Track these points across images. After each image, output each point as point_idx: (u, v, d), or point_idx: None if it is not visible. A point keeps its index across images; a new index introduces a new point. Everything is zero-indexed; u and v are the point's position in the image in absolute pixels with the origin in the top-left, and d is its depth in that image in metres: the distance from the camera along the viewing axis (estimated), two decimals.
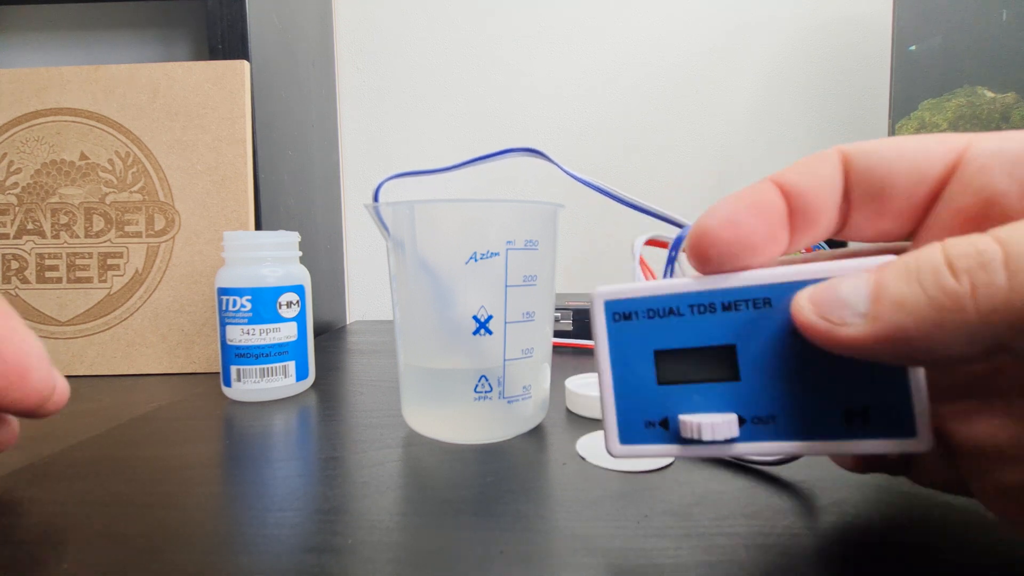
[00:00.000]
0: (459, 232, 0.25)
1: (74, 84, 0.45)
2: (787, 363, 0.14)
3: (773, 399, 0.14)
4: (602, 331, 0.15)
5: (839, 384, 0.14)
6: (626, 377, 0.15)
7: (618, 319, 0.15)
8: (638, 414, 0.15)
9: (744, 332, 0.14)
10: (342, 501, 0.21)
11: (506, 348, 0.26)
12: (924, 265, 0.11)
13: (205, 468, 0.24)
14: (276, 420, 0.30)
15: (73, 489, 0.22)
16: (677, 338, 0.15)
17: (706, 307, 0.15)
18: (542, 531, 0.19)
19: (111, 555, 0.17)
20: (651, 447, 0.15)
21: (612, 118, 0.71)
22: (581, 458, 0.24)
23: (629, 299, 0.15)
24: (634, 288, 0.15)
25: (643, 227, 0.72)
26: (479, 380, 0.26)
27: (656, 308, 0.15)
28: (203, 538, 0.18)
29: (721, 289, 0.14)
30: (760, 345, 0.14)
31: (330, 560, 0.17)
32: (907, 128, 0.53)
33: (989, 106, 0.44)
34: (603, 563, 0.17)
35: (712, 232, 0.14)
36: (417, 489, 0.22)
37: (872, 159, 0.14)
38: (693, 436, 0.14)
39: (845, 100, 0.70)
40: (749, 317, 0.14)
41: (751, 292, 0.14)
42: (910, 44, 0.52)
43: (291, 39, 0.57)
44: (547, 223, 0.27)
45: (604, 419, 0.15)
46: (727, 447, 0.14)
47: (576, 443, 0.26)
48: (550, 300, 0.28)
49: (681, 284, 0.15)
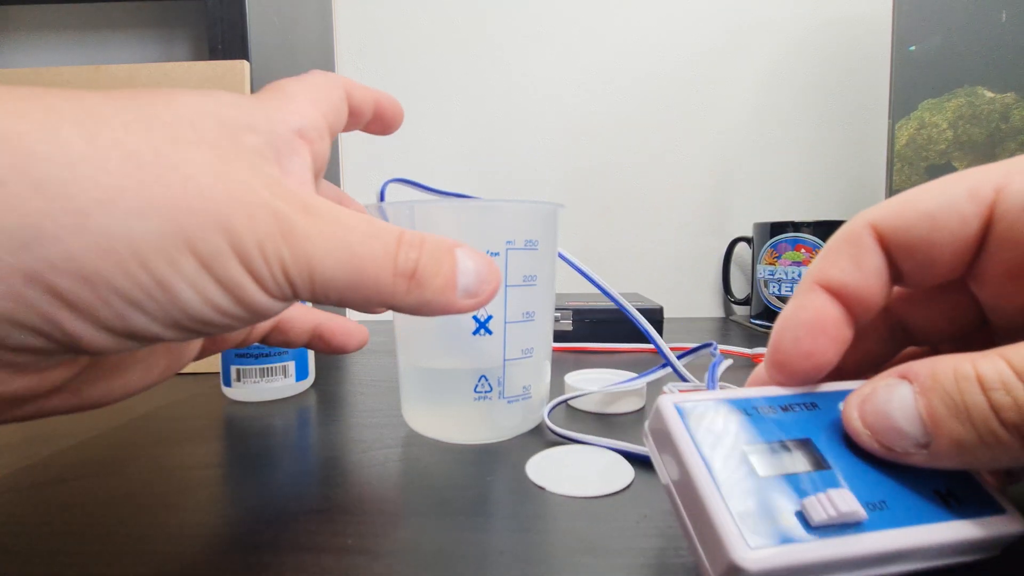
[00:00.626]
0: (458, 232, 0.25)
1: (74, 84, 0.45)
2: (863, 453, 0.15)
3: (871, 484, 0.14)
4: (682, 431, 0.14)
5: (915, 469, 0.14)
6: (725, 475, 0.14)
7: (693, 418, 0.15)
8: (751, 513, 0.13)
9: (811, 428, 0.15)
10: (342, 501, 0.21)
11: (506, 348, 0.26)
12: (972, 407, 0.12)
13: (205, 468, 0.24)
14: (276, 420, 0.30)
15: (73, 489, 0.22)
16: (759, 434, 0.15)
17: (767, 408, 0.16)
18: (542, 531, 0.19)
19: (111, 555, 0.17)
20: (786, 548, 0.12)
21: (612, 118, 0.71)
22: (538, 487, 0.22)
23: (702, 401, 0.15)
24: (699, 395, 0.16)
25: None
26: (479, 380, 0.26)
27: (728, 409, 0.15)
28: (203, 538, 0.18)
29: (773, 396, 0.16)
30: (831, 438, 0.15)
31: (330, 560, 0.17)
32: (907, 128, 0.53)
33: (989, 106, 0.44)
34: (603, 563, 0.17)
35: (790, 365, 0.16)
36: (417, 489, 0.22)
37: (910, 236, 0.15)
38: (822, 515, 0.13)
39: (845, 100, 0.70)
40: (807, 416, 0.16)
41: (799, 398, 0.16)
42: (910, 44, 0.52)
43: (291, 39, 0.57)
44: (547, 223, 0.27)
45: (712, 525, 0.13)
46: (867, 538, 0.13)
47: (526, 466, 0.23)
48: (550, 300, 0.28)
49: (740, 391, 0.16)
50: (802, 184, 0.71)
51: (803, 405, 0.16)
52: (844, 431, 0.15)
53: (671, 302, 0.72)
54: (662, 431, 0.15)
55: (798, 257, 0.58)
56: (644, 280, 0.72)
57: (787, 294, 0.59)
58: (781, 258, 0.59)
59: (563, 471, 0.23)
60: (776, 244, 0.59)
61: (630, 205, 0.72)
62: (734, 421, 0.15)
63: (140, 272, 0.11)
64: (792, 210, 0.71)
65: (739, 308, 0.72)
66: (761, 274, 0.61)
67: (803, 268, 0.58)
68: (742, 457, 0.14)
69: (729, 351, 0.45)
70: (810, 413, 0.16)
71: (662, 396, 0.16)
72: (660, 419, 0.15)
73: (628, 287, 0.71)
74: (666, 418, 0.15)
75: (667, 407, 0.15)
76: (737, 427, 0.15)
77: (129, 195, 0.11)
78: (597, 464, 0.23)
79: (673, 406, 0.15)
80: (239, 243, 0.12)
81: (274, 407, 0.33)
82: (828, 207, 0.71)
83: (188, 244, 0.12)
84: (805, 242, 0.57)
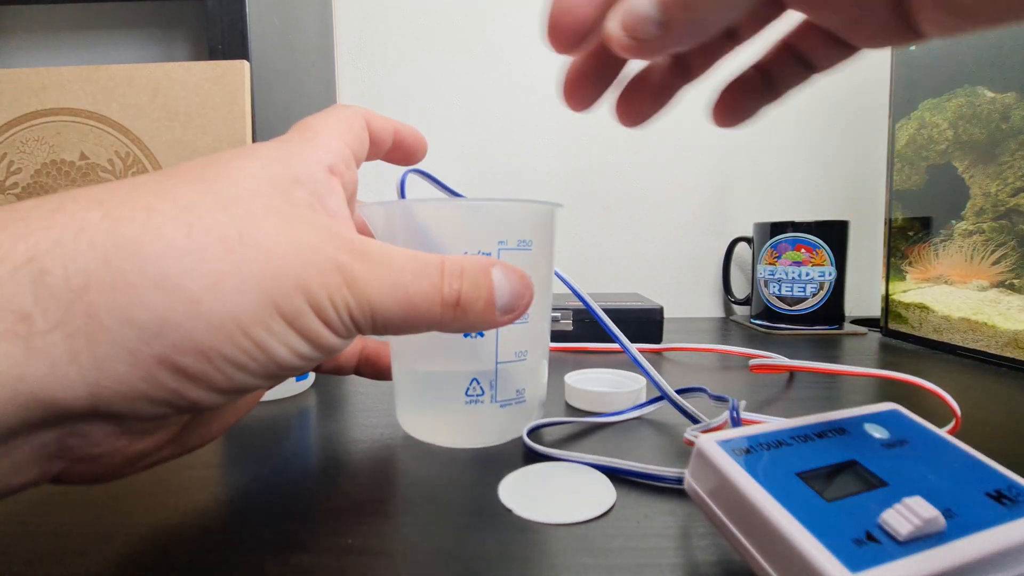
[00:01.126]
0: (450, 232, 0.25)
1: (74, 84, 0.45)
2: (911, 466, 0.15)
3: (931, 494, 0.14)
4: (736, 468, 0.14)
5: (959, 475, 0.15)
6: (796, 506, 0.13)
7: (739, 453, 0.15)
8: (837, 537, 0.13)
9: (851, 450, 0.16)
10: (342, 501, 0.21)
11: (498, 350, 0.25)
12: None
13: (204, 468, 0.24)
14: (276, 420, 0.30)
15: (73, 489, 0.22)
16: (806, 461, 0.15)
17: (804, 436, 0.16)
18: (542, 531, 0.19)
19: (111, 555, 0.17)
20: (885, 568, 0.12)
21: (611, 117, 0.71)
22: (509, 510, 0.20)
23: (739, 437, 0.15)
24: (735, 432, 0.16)
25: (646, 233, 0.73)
26: (470, 383, 0.25)
27: (766, 442, 0.16)
28: (203, 538, 0.18)
29: (803, 426, 0.17)
30: (874, 456, 0.16)
31: (330, 560, 0.17)
32: (907, 127, 0.53)
33: (989, 106, 0.44)
34: (603, 563, 0.17)
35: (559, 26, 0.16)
36: (417, 489, 0.22)
37: None
38: (908, 526, 0.12)
39: (845, 100, 0.70)
40: (841, 440, 0.16)
41: (827, 425, 0.17)
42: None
43: (291, 39, 0.57)
44: (542, 223, 0.26)
45: (803, 558, 0.12)
46: (955, 547, 0.13)
47: (498, 488, 0.22)
48: (546, 301, 0.28)
49: (771, 424, 0.17)
50: (802, 184, 0.71)
51: (833, 431, 0.17)
52: (884, 449, 0.16)
53: (671, 302, 0.72)
54: (711, 472, 0.15)
55: (798, 257, 0.58)
56: (644, 280, 0.72)
57: (787, 294, 0.59)
58: (781, 258, 0.59)
59: (538, 492, 0.21)
60: (776, 244, 0.59)
61: (630, 205, 0.72)
62: (778, 452, 0.15)
63: (244, 340, 0.14)
64: (792, 210, 0.71)
65: (739, 308, 0.72)
66: (761, 274, 0.61)
67: (804, 268, 0.58)
68: (802, 485, 0.14)
69: (729, 351, 0.45)
70: (842, 437, 0.16)
71: (699, 439, 0.15)
72: (706, 460, 0.15)
73: (628, 287, 0.71)
74: (713, 458, 0.15)
75: (711, 447, 0.15)
76: (784, 458, 0.15)
77: (228, 278, 0.13)
78: (577, 485, 0.22)
79: (716, 444, 0.15)
80: (315, 299, 0.14)
81: (274, 407, 0.33)
82: (828, 207, 0.71)
83: (277, 309, 0.14)
84: (805, 242, 0.57)
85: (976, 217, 0.45)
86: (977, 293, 0.45)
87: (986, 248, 0.44)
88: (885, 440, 0.17)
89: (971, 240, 0.45)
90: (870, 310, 0.69)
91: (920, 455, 0.16)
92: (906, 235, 0.53)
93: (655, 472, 0.21)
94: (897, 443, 0.17)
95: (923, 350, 0.49)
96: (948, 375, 0.40)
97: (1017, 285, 0.41)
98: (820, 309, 0.58)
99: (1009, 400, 0.33)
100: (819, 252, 0.57)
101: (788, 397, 0.34)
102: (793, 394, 0.35)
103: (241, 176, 0.15)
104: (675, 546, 0.18)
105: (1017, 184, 0.41)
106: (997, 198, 0.43)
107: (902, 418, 0.18)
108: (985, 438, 0.27)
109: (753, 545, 0.13)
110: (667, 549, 0.17)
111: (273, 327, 0.14)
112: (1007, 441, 0.27)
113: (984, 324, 0.44)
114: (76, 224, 0.13)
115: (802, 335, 0.56)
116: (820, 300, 0.58)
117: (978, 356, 0.44)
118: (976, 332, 0.45)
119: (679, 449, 0.26)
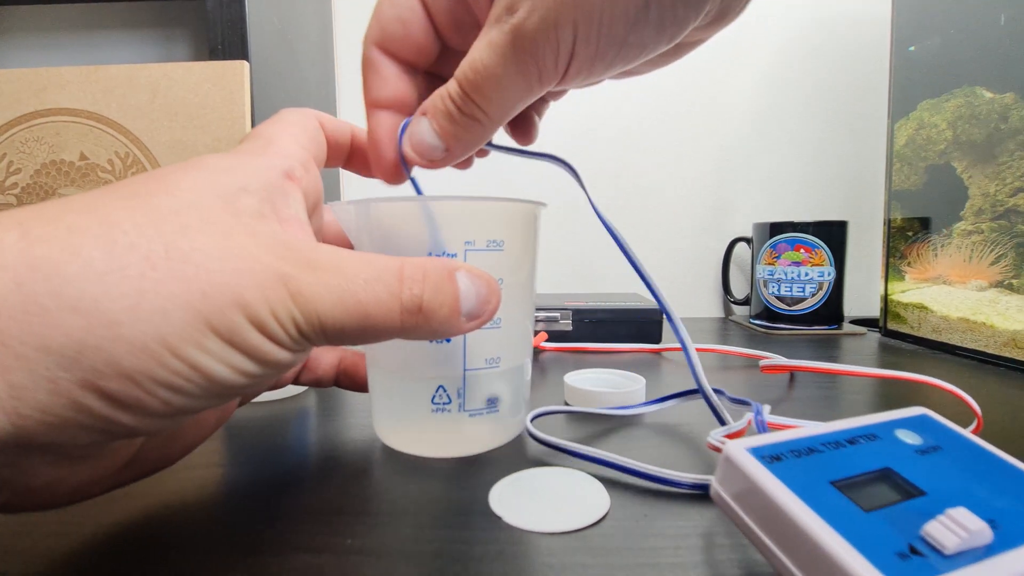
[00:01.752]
0: (415, 232, 0.23)
1: (74, 84, 0.45)
2: (948, 474, 0.15)
3: (973, 504, 0.13)
4: (770, 477, 0.14)
5: (998, 482, 0.15)
6: (835, 517, 0.13)
7: (770, 460, 0.14)
8: (879, 550, 0.12)
9: (884, 458, 0.15)
10: (342, 501, 0.21)
11: (466, 357, 0.24)
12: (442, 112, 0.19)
13: (205, 468, 0.24)
14: (276, 420, 0.30)
15: None
16: (839, 469, 0.14)
17: (835, 443, 0.16)
18: (542, 531, 0.19)
19: (111, 555, 0.17)
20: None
21: (612, 117, 0.71)
22: (499, 517, 0.19)
23: (769, 444, 0.15)
24: (764, 439, 0.15)
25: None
26: (436, 391, 0.24)
27: (796, 449, 0.15)
28: (202, 538, 0.18)
29: (834, 432, 0.16)
30: (909, 464, 0.15)
31: (330, 560, 0.17)
32: (906, 128, 0.53)
33: (988, 106, 0.44)
34: (603, 563, 0.17)
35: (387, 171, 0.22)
36: (418, 489, 0.22)
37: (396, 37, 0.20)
38: (955, 540, 0.12)
39: (845, 100, 0.70)
40: (874, 447, 0.16)
41: (858, 431, 0.16)
42: (909, 44, 0.52)
43: (291, 39, 0.57)
44: (517, 223, 0.25)
45: (845, 569, 0.12)
46: (1005, 559, 0.12)
47: (489, 496, 0.21)
48: (524, 306, 0.26)
49: (799, 431, 0.16)
50: (802, 184, 0.71)
51: (864, 437, 0.16)
52: (919, 456, 0.16)
53: (671, 302, 0.71)
54: (742, 480, 0.14)
55: (798, 257, 0.58)
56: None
57: (787, 294, 0.59)
58: (780, 258, 0.59)
59: (530, 499, 0.21)
60: (775, 244, 0.59)
61: (630, 205, 0.72)
62: (810, 460, 0.14)
63: (174, 361, 0.13)
64: (792, 210, 0.71)
65: (739, 308, 0.72)
66: (761, 274, 0.61)
67: (803, 268, 0.58)
68: (838, 495, 0.13)
69: (729, 351, 0.45)
70: (874, 444, 0.16)
71: (727, 446, 0.15)
72: (736, 469, 0.14)
73: (628, 287, 0.71)
74: (744, 466, 0.14)
75: (741, 455, 0.14)
76: (817, 466, 0.14)
77: (150, 297, 0.12)
78: (570, 490, 0.21)
79: (747, 452, 0.14)
80: (254, 314, 0.14)
81: (274, 407, 0.33)
82: (828, 207, 0.71)
83: (209, 326, 0.13)
84: (805, 242, 0.58)
85: (975, 217, 0.45)
86: (976, 293, 0.45)
87: (985, 248, 0.44)
88: (919, 447, 0.16)
89: (970, 240, 0.46)
90: (869, 310, 0.69)
91: (956, 462, 0.16)
92: (905, 235, 0.53)
93: (670, 477, 0.21)
94: (931, 449, 0.16)
95: (922, 350, 0.49)
96: (948, 375, 0.40)
97: (1016, 285, 0.42)
98: (819, 309, 0.58)
99: (1010, 400, 0.33)
100: (818, 252, 0.57)
101: (792, 397, 0.34)
102: (796, 393, 0.35)
103: (181, 188, 0.14)
104: (675, 545, 0.18)
105: (1016, 184, 0.41)
106: (996, 198, 0.43)
107: (933, 423, 0.18)
108: (985, 436, 0.27)
109: (789, 557, 0.13)
110: (667, 548, 0.17)
111: (206, 345, 0.13)
112: (1008, 442, 0.27)
113: (983, 324, 0.44)
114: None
115: (801, 335, 0.56)
116: (819, 300, 0.58)
117: (977, 356, 0.45)
118: (975, 332, 0.45)
119: (684, 451, 0.26)
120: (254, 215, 0.15)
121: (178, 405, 0.13)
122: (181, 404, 0.13)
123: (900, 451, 0.16)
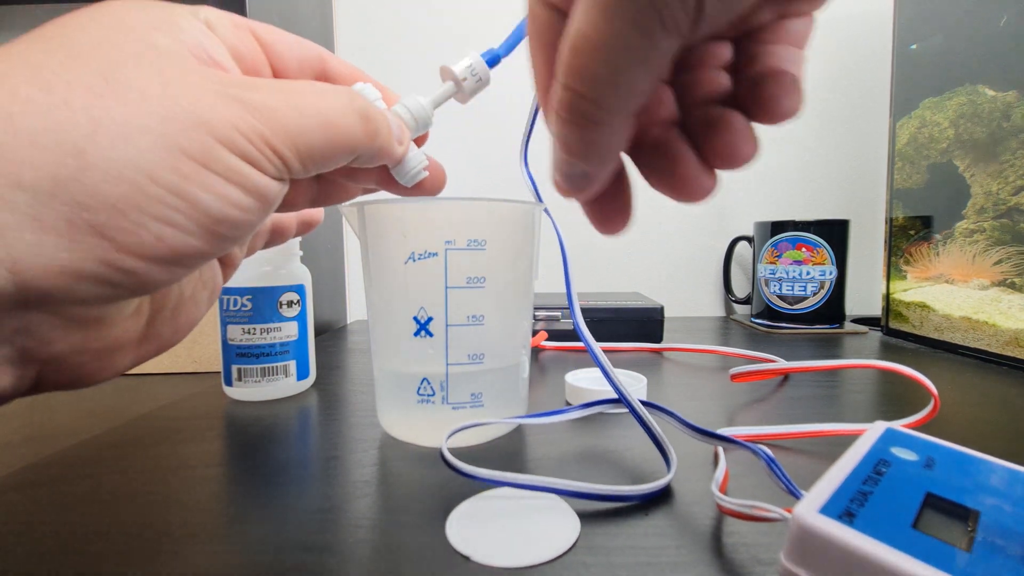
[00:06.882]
0: (400, 231, 0.25)
1: None
2: (971, 486, 0.15)
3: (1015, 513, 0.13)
4: (856, 537, 0.12)
5: (1011, 489, 0.14)
6: (950, 568, 0.12)
7: (848, 519, 0.13)
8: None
9: (916, 482, 0.15)
10: (342, 500, 0.21)
11: (448, 352, 0.25)
12: None
13: (206, 467, 0.24)
14: (277, 419, 0.30)
15: (73, 489, 0.22)
16: (900, 509, 0.13)
17: (868, 479, 0.15)
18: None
19: (111, 555, 0.17)
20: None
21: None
22: (465, 558, 0.17)
23: (826, 501, 0.14)
24: (818, 492, 0.14)
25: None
26: (421, 383, 0.25)
27: (850, 496, 0.14)
28: (203, 537, 0.18)
29: (857, 467, 0.15)
30: (935, 482, 0.15)
31: (330, 559, 0.17)
32: (908, 126, 0.52)
33: (990, 104, 0.44)
34: (603, 562, 0.17)
35: None
36: (418, 488, 0.22)
37: None
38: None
39: (846, 98, 0.70)
40: (899, 473, 0.15)
41: (870, 459, 0.16)
42: (911, 43, 0.52)
43: None
44: (504, 223, 0.25)
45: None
46: None
47: (446, 527, 0.19)
48: (510, 304, 0.26)
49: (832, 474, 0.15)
50: (803, 183, 0.71)
51: (880, 464, 0.15)
52: (928, 471, 0.15)
53: (671, 301, 0.72)
54: (823, 548, 0.12)
55: (799, 256, 0.58)
56: (644, 279, 0.72)
57: (788, 293, 0.59)
58: (782, 257, 0.59)
59: (489, 528, 0.19)
60: (777, 243, 0.59)
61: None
62: (873, 506, 0.13)
63: (153, 187, 0.12)
64: (793, 209, 0.71)
65: (740, 307, 0.72)
66: (762, 273, 0.61)
67: (804, 267, 0.58)
68: (930, 540, 0.12)
69: (729, 352, 0.45)
70: (894, 470, 0.15)
71: (797, 515, 0.13)
72: (810, 535, 0.13)
73: (628, 286, 0.71)
74: (822, 530, 0.12)
75: (812, 518, 0.13)
76: (883, 511, 0.13)
77: (106, 123, 0.12)
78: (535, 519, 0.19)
79: (818, 513, 0.13)
80: (220, 132, 0.13)
81: (275, 406, 0.33)
82: (829, 206, 0.71)
83: (181, 149, 0.12)
84: (806, 241, 0.57)
85: (977, 216, 0.45)
86: (978, 292, 0.45)
87: (987, 247, 0.44)
88: (920, 462, 0.16)
89: (972, 239, 0.45)
90: (871, 309, 0.69)
91: (962, 472, 0.15)
92: (907, 234, 0.53)
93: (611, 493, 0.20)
94: (930, 462, 0.16)
95: (924, 349, 0.49)
96: (948, 374, 0.40)
97: (1018, 284, 0.41)
98: (821, 308, 0.58)
99: (1009, 399, 0.33)
100: (820, 251, 0.57)
101: (780, 396, 0.34)
102: (787, 393, 0.35)
103: (97, 29, 0.13)
104: (675, 545, 0.18)
105: (1018, 183, 0.41)
106: (998, 196, 0.43)
107: (904, 436, 0.17)
108: (987, 437, 0.27)
109: None
110: (667, 548, 0.17)
111: (183, 169, 0.12)
112: (1009, 441, 0.27)
113: (985, 323, 0.44)
114: None
115: (803, 334, 0.56)
116: (821, 299, 0.58)
117: (979, 355, 0.44)
118: (977, 331, 0.45)
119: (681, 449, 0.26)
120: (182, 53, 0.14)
121: (174, 243, 0.13)
122: (177, 242, 0.13)
123: (916, 472, 0.15)
